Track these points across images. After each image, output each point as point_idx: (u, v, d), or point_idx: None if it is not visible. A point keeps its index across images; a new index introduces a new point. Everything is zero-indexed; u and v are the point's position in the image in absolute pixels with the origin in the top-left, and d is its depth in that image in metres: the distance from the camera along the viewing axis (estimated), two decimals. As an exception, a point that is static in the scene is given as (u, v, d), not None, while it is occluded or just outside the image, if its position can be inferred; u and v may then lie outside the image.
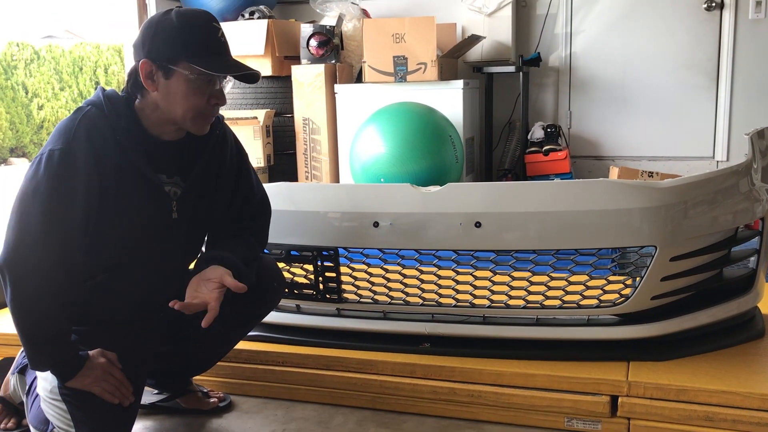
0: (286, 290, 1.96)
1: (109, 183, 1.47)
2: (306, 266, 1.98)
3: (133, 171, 1.50)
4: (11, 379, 1.74)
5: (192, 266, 1.66)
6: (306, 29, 3.88)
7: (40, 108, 10.58)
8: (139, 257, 1.57)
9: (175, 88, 1.49)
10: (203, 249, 1.75)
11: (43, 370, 1.50)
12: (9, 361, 1.81)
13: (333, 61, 3.88)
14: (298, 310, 2.05)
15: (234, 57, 1.56)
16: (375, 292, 1.96)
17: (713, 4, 3.96)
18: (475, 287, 1.88)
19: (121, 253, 1.54)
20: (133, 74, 1.50)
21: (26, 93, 10.53)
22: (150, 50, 1.47)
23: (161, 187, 1.56)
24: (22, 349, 1.72)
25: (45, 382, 1.51)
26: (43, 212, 1.40)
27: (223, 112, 3.93)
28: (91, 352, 1.51)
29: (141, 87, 1.50)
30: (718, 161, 4.08)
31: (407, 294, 1.94)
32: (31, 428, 1.58)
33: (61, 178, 1.41)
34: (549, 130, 4.04)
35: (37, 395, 1.56)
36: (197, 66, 1.46)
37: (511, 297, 1.86)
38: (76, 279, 1.47)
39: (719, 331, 1.86)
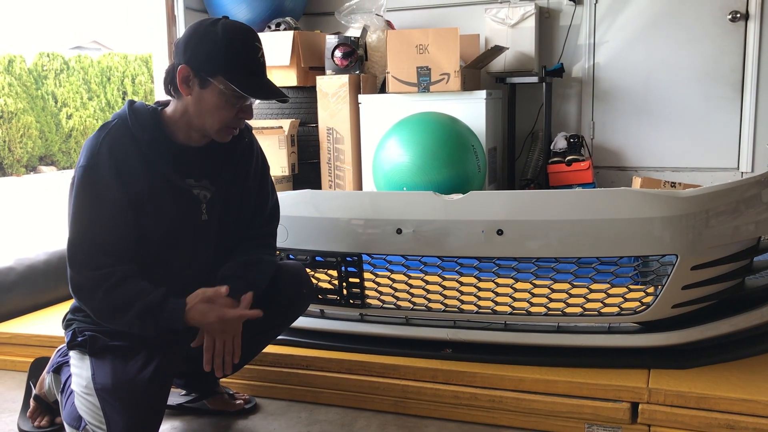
0: (319, 297, 2.01)
1: (139, 192, 1.55)
2: (330, 272, 2.02)
3: (161, 179, 1.58)
4: (46, 377, 1.80)
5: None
6: (331, 40, 3.94)
7: (69, 117, 10.81)
8: (170, 258, 1.63)
9: (207, 99, 1.56)
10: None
11: (156, 331, 1.53)
12: (44, 360, 1.87)
13: (357, 72, 3.93)
14: (322, 315, 2.08)
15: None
16: (398, 298, 1.99)
17: (738, 15, 3.95)
18: (497, 294, 1.90)
19: (153, 254, 1.60)
20: (171, 73, 1.58)
21: (56, 102, 10.77)
22: (191, 57, 1.54)
23: (190, 191, 1.63)
24: (58, 348, 1.78)
25: (80, 378, 1.57)
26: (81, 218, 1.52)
27: (249, 121, 3.99)
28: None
29: (176, 87, 1.57)
30: (742, 172, 4.05)
31: (430, 300, 1.96)
32: (65, 425, 1.63)
33: (89, 194, 1.53)
34: (572, 140, 4.05)
35: (71, 393, 1.61)
36: (233, 85, 1.53)
37: (532, 304, 1.88)
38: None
39: (741, 341, 1.86)
